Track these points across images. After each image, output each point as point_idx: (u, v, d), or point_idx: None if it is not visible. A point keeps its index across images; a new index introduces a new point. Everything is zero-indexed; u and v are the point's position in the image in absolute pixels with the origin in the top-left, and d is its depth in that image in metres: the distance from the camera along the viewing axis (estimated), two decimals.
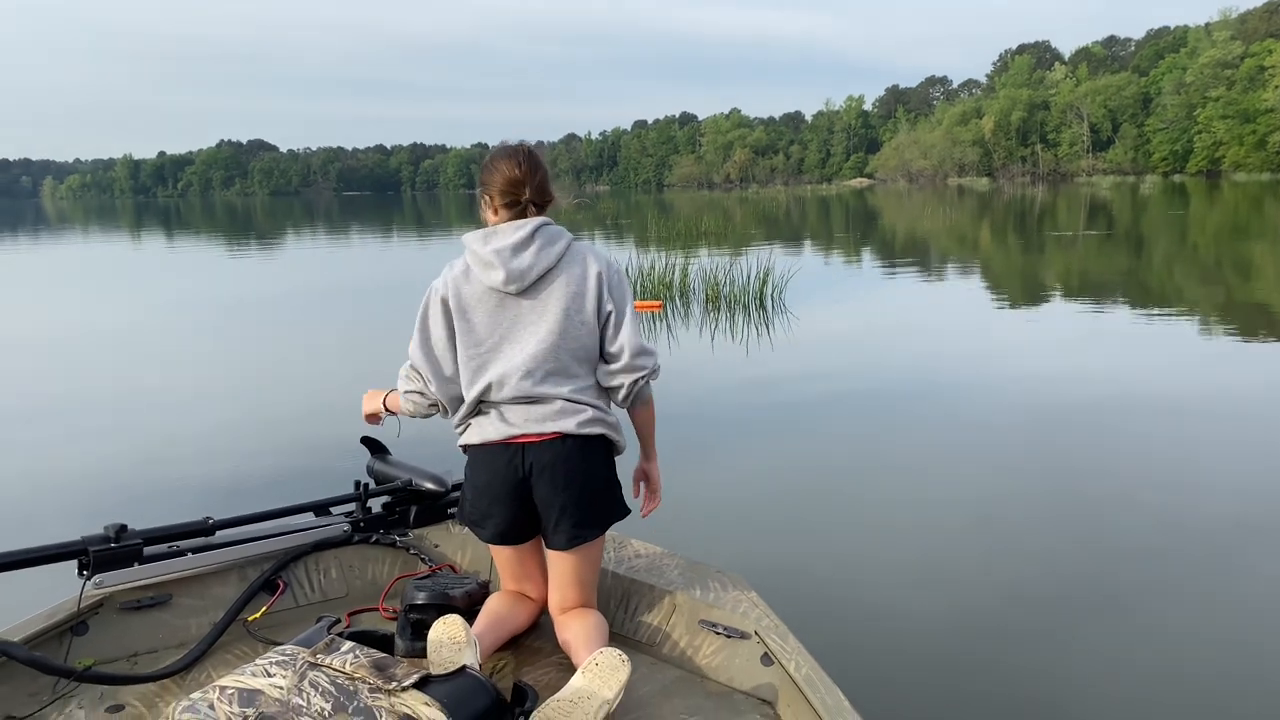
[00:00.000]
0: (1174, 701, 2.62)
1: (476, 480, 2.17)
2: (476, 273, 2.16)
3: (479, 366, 2.17)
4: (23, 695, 1.96)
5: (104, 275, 18.28)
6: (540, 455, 2.11)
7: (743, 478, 4.68)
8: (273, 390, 7.03)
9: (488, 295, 2.15)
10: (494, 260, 2.13)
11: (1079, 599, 3.22)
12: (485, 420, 2.16)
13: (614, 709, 1.83)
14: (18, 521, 4.32)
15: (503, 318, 2.15)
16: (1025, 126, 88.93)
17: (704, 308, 10.27)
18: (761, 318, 9.41)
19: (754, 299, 10.45)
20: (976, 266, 14.11)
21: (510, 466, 2.12)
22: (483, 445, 2.15)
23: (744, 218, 30.46)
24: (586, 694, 1.82)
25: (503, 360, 2.15)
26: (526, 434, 2.12)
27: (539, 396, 2.13)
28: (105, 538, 2.20)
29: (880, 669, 2.79)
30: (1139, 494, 4.23)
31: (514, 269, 2.12)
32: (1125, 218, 24.91)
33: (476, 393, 2.15)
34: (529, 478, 2.12)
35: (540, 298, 2.16)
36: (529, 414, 2.13)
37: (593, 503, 2.16)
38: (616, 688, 1.83)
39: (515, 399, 2.13)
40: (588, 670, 1.87)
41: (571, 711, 1.78)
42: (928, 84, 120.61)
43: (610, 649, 1.91)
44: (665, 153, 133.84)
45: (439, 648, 1.83)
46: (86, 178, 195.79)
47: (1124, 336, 8.13)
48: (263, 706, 1.54)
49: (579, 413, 2.14)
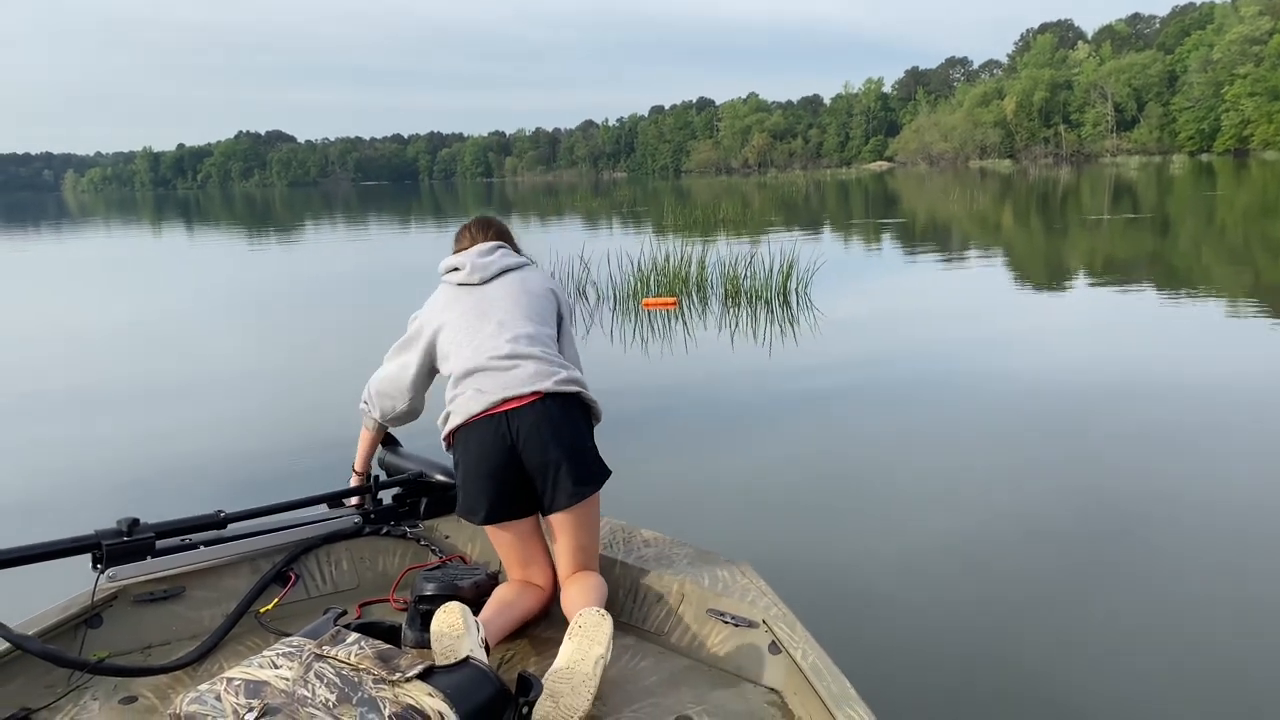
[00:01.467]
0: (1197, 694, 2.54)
1: (468, 460, 2.22)
2: (448, 279, 2.48)
3: (457, 349, 2.32)
4: (38, 687, 1.98)
5: (122, 268, 18.26)
6: (524, 418, 2.17)
7: (753, 466, 4.58)
8: (284, 382, 6.97)
9: (457, 293, 2.43)
10: (462, 262, 2.46)
11: (1096, 590, 3.14)
12: (465, 399, 2.23)
13: (608, 659, 1.89)
14: (32, 516, 4.30)
15: (470, 304, 2.39)
16: (1048, 107, 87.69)
17: (723, 304, 9.58)
18: (785, 314, 8.80)
19: (777, 294, 9.78)
20: (1009, 253, 13.64)
21: (498, 436, 2.17)
22: (466, 423, 2.20)
23: (763, 204, 29.97)
24: (579, 657, 1.87)
25: (476, 337, 2.31)
26: (507, 399, 2.18)
27: (512, 363, 2.24)
28: (118, 531, 2.21)
29: (889, 659, 2.75)
30: (1166, 484, 4.08)
31: (478, 264, 2.45)
32: (1157, 199, 24.36)
33: (458, 373, 2.28)
34: (517, 444, 2.18)
35: (501, 283, 2.44)
36: (506, 380, 2.21)
37: (584, 458, 2.23)
38: (605, 640, 1.89)
39: (489, 368, 2.24)
40: (573, 636, 1.92)
41: (570, 678, 1.83)
42: (948, 65, 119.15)
43: (588, 609, 1.96)
44: (683, 138, 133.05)
45: (440, 638, 1.86)
46: (107, 170, 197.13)
47: (1171, 323, 7.85)
48: (268, 698, 1.54)
49: (553, 374, 2.24)
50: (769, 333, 7.86)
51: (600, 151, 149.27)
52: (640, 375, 6.43)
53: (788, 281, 9.92)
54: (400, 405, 2.48)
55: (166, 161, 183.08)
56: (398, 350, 2.49)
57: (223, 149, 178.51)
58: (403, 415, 2.53)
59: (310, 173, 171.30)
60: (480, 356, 2.26)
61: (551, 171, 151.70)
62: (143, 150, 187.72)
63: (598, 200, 37.90)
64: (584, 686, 1.82)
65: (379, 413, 2.54)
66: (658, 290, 10.15)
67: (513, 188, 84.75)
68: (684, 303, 9.69)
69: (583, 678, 1.83)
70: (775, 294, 9.73)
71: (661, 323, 8.56)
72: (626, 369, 6.71)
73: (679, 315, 8.97)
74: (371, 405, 2.54)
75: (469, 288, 2.42)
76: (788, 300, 9.57)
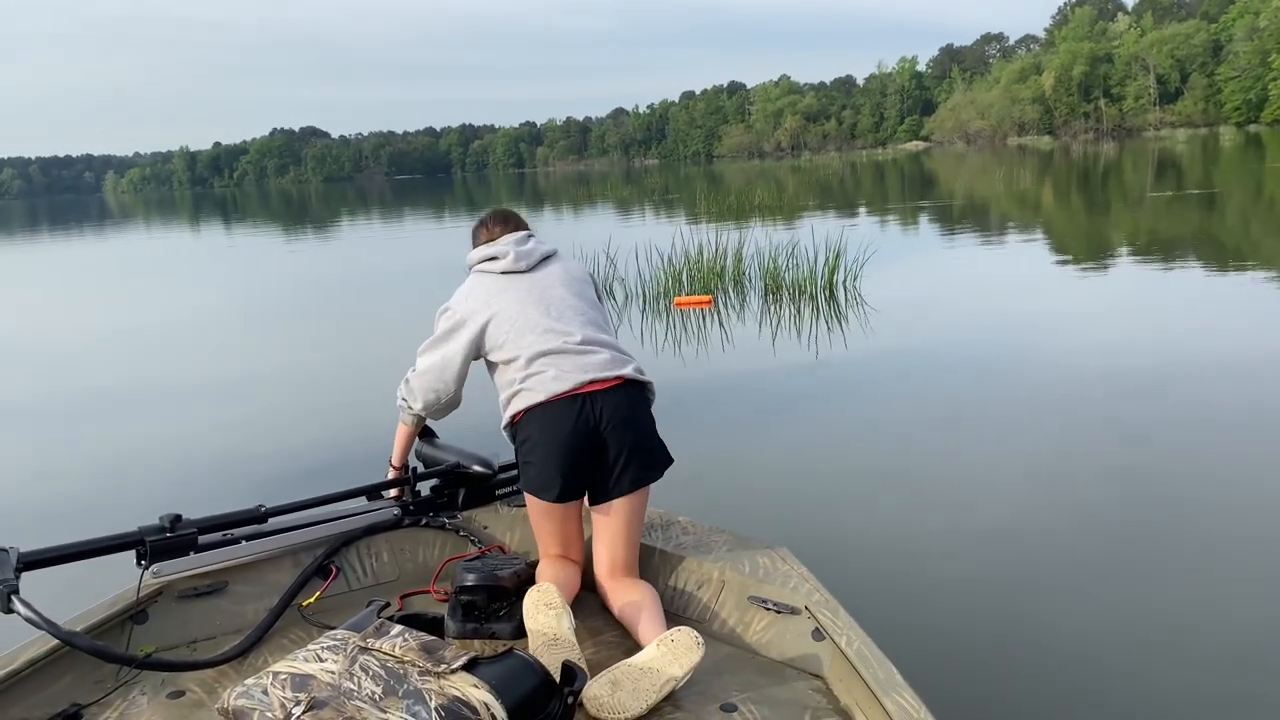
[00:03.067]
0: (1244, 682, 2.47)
1: (540, 439, 2.21)
2: (486, 269, 2.45)
3: (518, 335, 2.31)
4: (88, 683, 1.99)
5: (163, 266, 18.45)
6: (608, 401, 2.21)
7: (794, 452, 4.54)
8: (322, 377, 7.00)
9: (504, 282, 2.41)
10: (502, 250, 2.44)
11: (1143, 575, 3.07)
12: (544, 378, 2.23)
13: (680, 686, 1.84)
14: (77, 513, 4.31)
15: (522, 291, 2.38)
16: (1088, 81, 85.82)
17: (762, 300, 8.87)
18: (832, 310, 8.12)
19: (822, 288, 9.00)
20: (1068, 236, 12.93)
21: (581, 416, 2.19)
22: (547, 402, 2.20)
23: (798, 188, 29.42)
24: (658, 666, 1.83)
25: (543, 320, 2.32)
26: (594, 380, 2.21)
27: (588, 348, 2.27)
28: (161, 528, 2.21)
29: (934, 645, 2.70)
30: (1217, 468, 3.94)
31: (520, 251, 2.43)
32: (1216, 174, 23.53)
33: (528, 355, 2.27)
34: (599, 426, 2.20)
35: (548, 271, 2.45)
36: (585, 363, 2.24)
37: (654, 445, 2.29)
38: (687, 667, 1.84)
39: (565, 350, 2.26)
40: (663, 644, 1.87)
41: (640, 679, 1.81)
42: (983, 42, 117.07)
43: (687, 629, 1.90)
44: (714, 123, 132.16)
45: (535, 611, 1.95)
46: (146, 171, 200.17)
47: (1247, 304, 7.47)
48: (315, 691, 1.54)
49: (628, 361, 2.32)
50: (815, 329, 7.32)
51: (631, 139, 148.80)
52: (674, 376, 6.11)
53: (834, 275, 9.16)
54: (445, 397, 2.48)
55: (203, 160, 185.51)
56: (436, 343, 2.46)
57: (258, 146, 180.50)
58: (446, 406, 2.53)
59: (345, 168, 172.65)
60: (551, 340, 2.27)
61: (583, 160, 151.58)
62: (180, 150, 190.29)
63: (629, 188, 37.61)
64: (645, 695, 1.80)
65: (421, 405, 2.52)
66: (691, 288, 9.47)
67: (544, 178, 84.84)
68: (719, 300, 9.03)
69: (650, 686, 1.81)
70: (821, 288, 8.99)
71: (696, 323, 7.98)
72: (658, 370, 6.44)
73: (714, 314, 8.35)
74: (413, 399, 2.52)
75: (515, 275, 2.42)
76: (834, 294, 8.84)
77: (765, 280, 9.35)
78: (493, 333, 2.36)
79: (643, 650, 1.90)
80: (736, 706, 1.83)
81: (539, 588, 2.02)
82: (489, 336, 2.37)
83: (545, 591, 2.00)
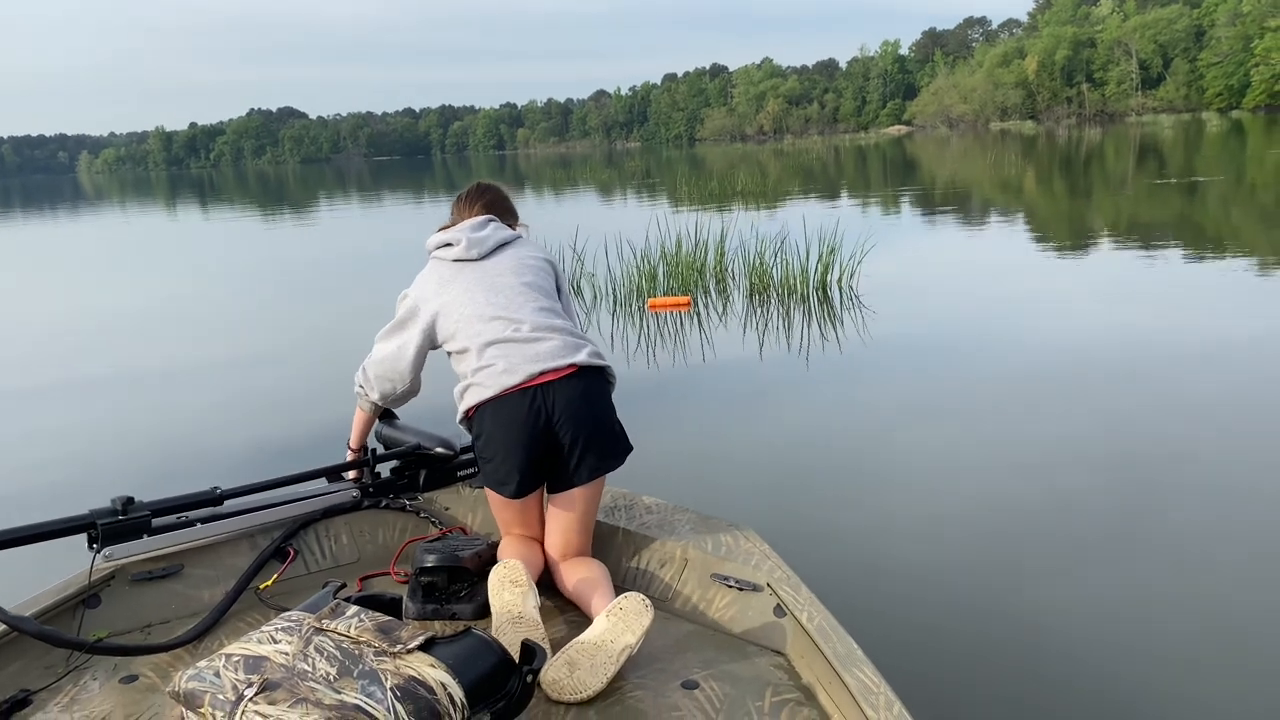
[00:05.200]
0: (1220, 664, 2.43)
1: (495, 435, 2.19)
2: (440, 256, 2.41)
3: (467, 324, 2.27)
4: (38, 668, 1.97)
5: (132, 248, 18.08)
6: (560, 392, 2.16)
7: (759, 431, 4.50)
8: (282, 359, 6.92)
9: (455, 270, 2.36)
10: (455, 238, 2.39)
11: (1114, 556, 3.06)
12: (493, 372, 2.19)
13: (635, 652, 1.85)
14: (27, 497, 4.23)
15: (472, 279, 2.33)
16: (1070, 66, 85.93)
17: (747, 300, 7.97)
18: (825, 312, 7.27)
19: (815, 288, 8.15)
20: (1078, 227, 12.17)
21: (533, 410, 2.15)
22: (498, 397, 2.17)
23: (782, 173, 28.88)
24: (610, 638, 1.84)
25: (489, 310, 2.27)
26: (545, 370, 2.16)
27: (538, 336, 2.22)
28: (113, 510, 2.17)
29: (896, 622, 2.71)
30: (1197, 451, 3.91)
31: (474, 239, 2.39)
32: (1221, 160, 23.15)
33: (477, 346, 2.23)
34: (551, 418, 2.16)
35: (501, 257, 2.39)
36: (535, 353, 2.19)
37: (613, 434, 2.24)
38: (640, 632, 1.85)
39: (513, 340, 2.21)
40: (611, 614, 1.87)
41: (595, 654, 1.81)
42: (966, 25, 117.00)
43: (634, 594, 1.91)
44: (696, 106, 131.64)
45: (500, 588, 1.95)
46: (121, 151, 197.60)
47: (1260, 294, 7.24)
48: (268, 673, 1.51)
49: (581, 346, 2.25)
50: (806, 335, 6.54)
51: (613, 121, 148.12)
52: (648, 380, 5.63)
53: (827, 272, 8.28)
54: (400, 387, 2.45)
55: (179, 141, 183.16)
56: (391, 331, 2.43)
57: (235, 127, 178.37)
58: (402, 396, 2.51)
59: (323, 149, 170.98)
60: (500, 330, 2.24)
61: (564, 143, 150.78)
62: (155, 130, 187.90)
63: (609, 171, 37.12)
64: (603, 668, 1.80)
65: (378, 395, 2.50)
66: (667, 287, 8.51)
67: (525, 160, 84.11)
68: (699, 301, 8.07)
69: (605, 659, 1.81)
70: (814, 288, 8.14)
71: (670, 328, 7.10)
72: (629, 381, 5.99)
73: (692, 317, 7.44)
74: (369, 388, 2.50)
75: (467, 263, 2.37)
76: (827, 294, 7.93)
77: (750, 278, 8.48)
78: (443, 323, 2.33)
79: (592, 625, 1.89)
80: (698, 684, 1.84)
81: (504, 563, 2.00)
82: (440, 328, 2.34)
83: (511, 568, 1.99)
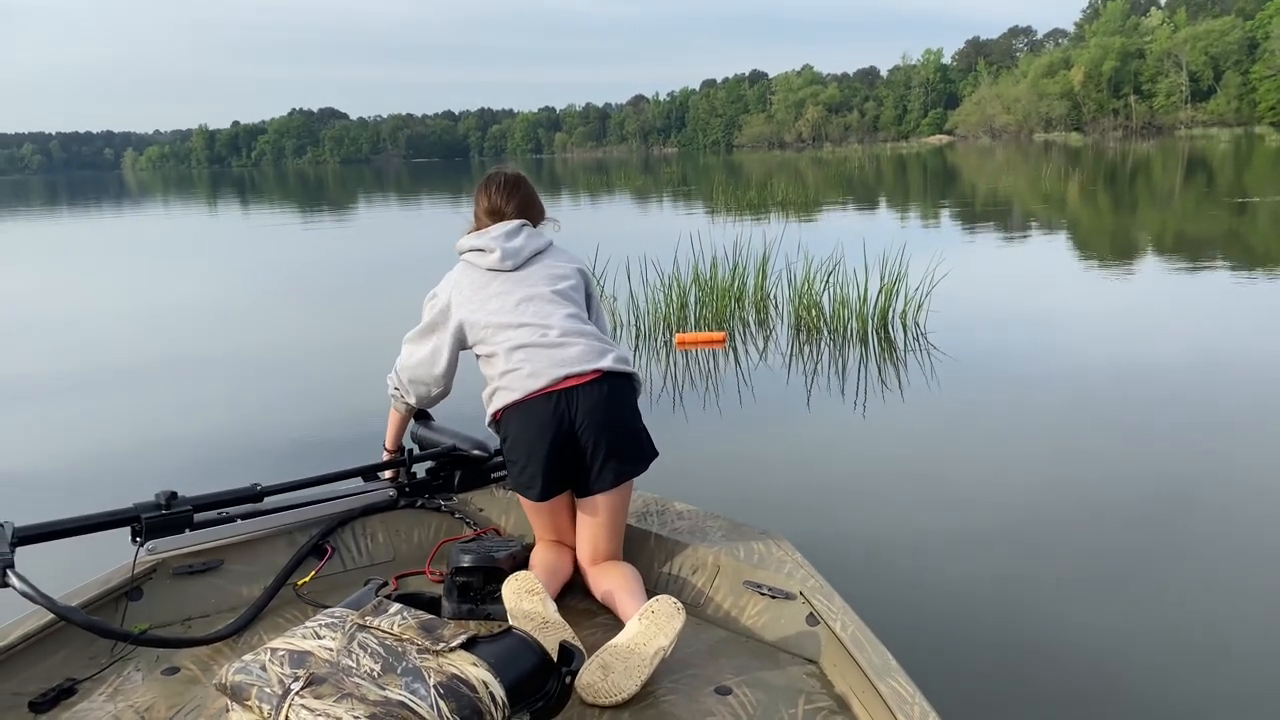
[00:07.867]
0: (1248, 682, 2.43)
1: (520, 439, 2.21)
2: (472, 261, 2.41)
3: (497, 331, 2.29)
4: (83, 658, 2.01)
5: (175, 244, 18.16)
6: (585, 396, 2.18)
7: (790, 439, 4.54)
8: (322, 357, 6.97)
9: (487, 278, 2.38)
10: (490, 245, 2.39)
11: (1148, 572, 3.05)
12: (519, 376, 2.22)
13: (669, 655, 1.85)
14: (73, 490, 4.30)
15: (503, 288, 2.35)
16: (1118, 77, 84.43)
17: (794, 335, 6.89)
18: (887, 353, 6.22)
19: (874, 323, 6.95)
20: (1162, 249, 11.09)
21: (556, 413, 2.17)
22: (523, 400, 2.20)
23: (823, 182, 27.81)
24: (643, 640, 1.84)
25: (520, 317, 2.29)
26: (568, 376, 2.18)
27: (565, 341, 2.24)
28: (156, 505, 2.21)
29: (930, 632, 2.70)
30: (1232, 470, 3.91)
31: (508, 248, 2.39)
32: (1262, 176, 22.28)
33: (505, 350, 2.25)
34: (574, 422, 2.18)
35: (536, 269, 2.40)
36: (561, 358, 2.21)
37: (638, 439, 2.26)
38: (672, 635, 1.84)
39: (540, 345, 2.23)
40: (644, 617, 1.88)
41: (629, 658, 1.82)
42: (1010, 35, 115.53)
43: (665, 596, 1.91)
44: (735, 112, 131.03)
45: (518, 599, 1.96)
46: (165, 148, 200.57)
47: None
48: (313, 667, 1.53)
49: (607, 351, 2.26)
50: (863, 379, 5.58)
51: (650, 126, 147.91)
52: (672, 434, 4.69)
53: (889, 307, 7.08)
54: (435, 390, 2.49)
55: (222, 139, 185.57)
56: (422, 334, 2.46)
57: (276, 126, 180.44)
58: (436, 398, 2.55)
59: (362, 149, 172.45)
60: (528, 335, 2.26)
61: (601, 147, 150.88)
62: (199, 128, 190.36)
63: (644, 177, 36.78)
64: (637, 671, 1.81)
65: (414, 399, 2.53)
66: (699, 319, 7.44)
67: (562, 164, 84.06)
68: (735, 336, 7.02)
69: (639, 662, 1.82)
70: (872, 325, 6.91)
71: (703, 366, 6.18)
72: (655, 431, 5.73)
73: (728, 354, 6.46)
74: (405, 392, 2.53)
75: (499, 273, 2.38)
76: (888, 331, 6.85)
77: (797, 311, 7.27)
78: (472, 328, 2.35)
79: (625, 628, 1.90)
80: (731, 690, 1.84)
81: (516, 577, 2.02)
82: (470, 331, 2.36)
83: (524, 579, 2.02)
